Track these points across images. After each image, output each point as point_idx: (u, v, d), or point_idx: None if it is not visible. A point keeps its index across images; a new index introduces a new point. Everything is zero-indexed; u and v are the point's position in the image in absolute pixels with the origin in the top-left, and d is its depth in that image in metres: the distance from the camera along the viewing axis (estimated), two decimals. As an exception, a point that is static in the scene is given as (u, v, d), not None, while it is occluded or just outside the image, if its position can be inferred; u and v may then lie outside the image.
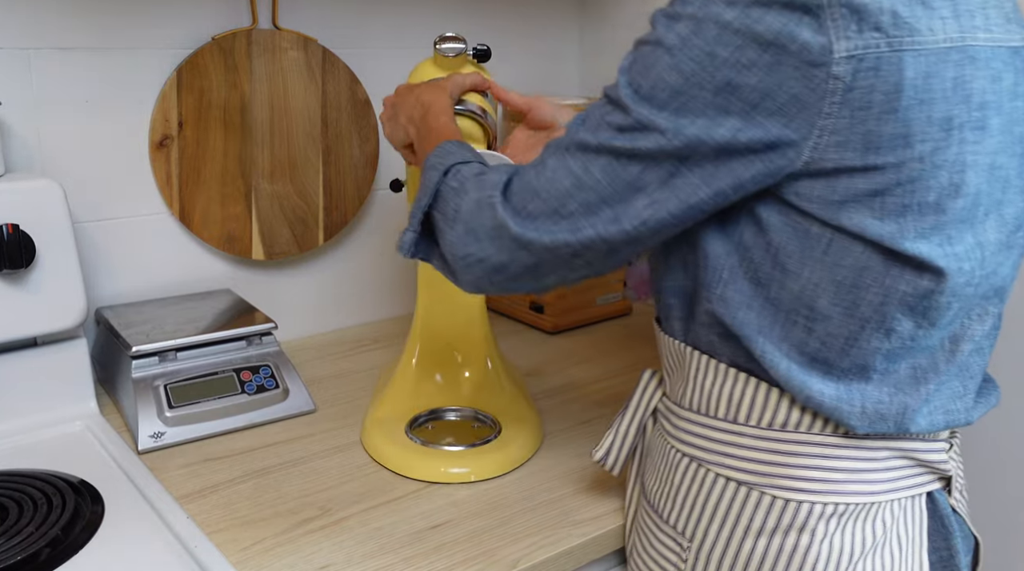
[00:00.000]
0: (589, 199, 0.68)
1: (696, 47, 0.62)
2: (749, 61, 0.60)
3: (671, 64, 0.63)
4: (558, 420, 1.13)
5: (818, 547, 0.69)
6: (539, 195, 0.70)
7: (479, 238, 0.73)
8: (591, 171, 0.67)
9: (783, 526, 0.70)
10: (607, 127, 0.67)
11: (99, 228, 1.19)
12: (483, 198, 0.73)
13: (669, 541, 0.77)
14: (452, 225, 0.75)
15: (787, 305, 0.67)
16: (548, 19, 1.58)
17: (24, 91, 1.10)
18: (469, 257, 0.73)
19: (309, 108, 1.30)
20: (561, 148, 0.70)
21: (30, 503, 0.86)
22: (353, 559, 0.83)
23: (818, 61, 0.58)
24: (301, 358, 1.31)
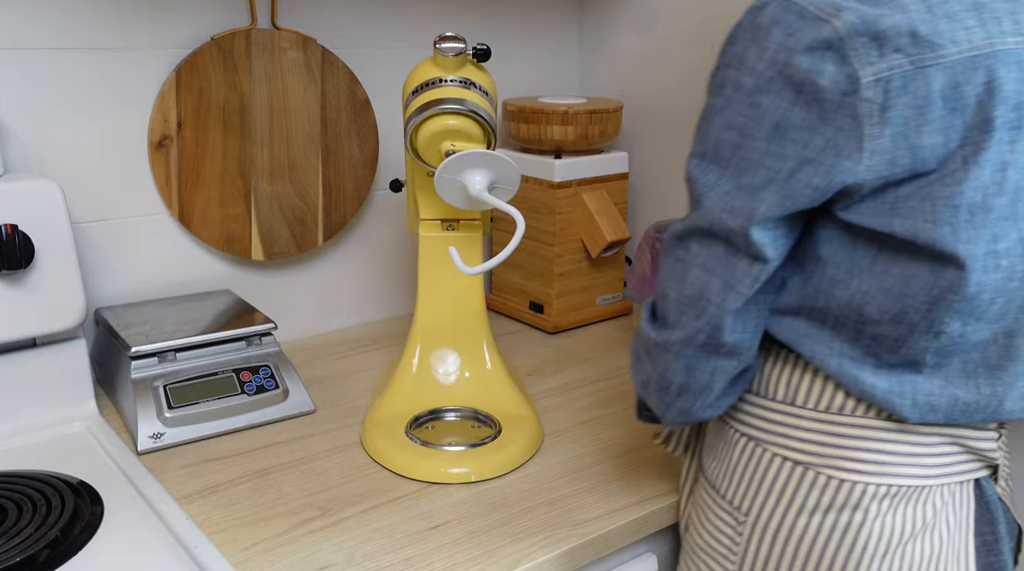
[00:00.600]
0: (692, 283, 0.72)
1: (740, 102, 0.67)
2: (790, 102, 0.64)
3: (724, 123, 0.68)
4: (558, 420, 1.12)
5: (870, 526, 0.72)
6: (665, 298, 0.74)
7: (641, 360, 0.78)
8: (687, 257, 0.72)
9: (837, 504, 0.73)
10: (687, 215, 0.72)
11: (98, 228, 1.19)
12: (638, 325, 0.78)
13: (726, 515, 0.80)
14: (631, 365, 0.81)
15: (836, 312, 0.71)
16: (548, 19, 1.58)
17: (23, 91, 1.09)
18: (641, 382, 0.79)
19: (308, 108, 1.29)
20: (666, 249, 0.75)
21: (29, 504, 0.86)
22: (353, 559, 0.83)
23: (848, 90, 0.63)
24: (301, 358, 1.31)
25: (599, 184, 1.44)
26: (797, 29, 0.64)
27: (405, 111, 1.01)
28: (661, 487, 0.97)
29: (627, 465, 1.01)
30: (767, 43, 0.65)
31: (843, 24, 0.63)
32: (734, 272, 0.69)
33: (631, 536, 0.92)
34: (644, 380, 0.78)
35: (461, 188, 0.95)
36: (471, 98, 0.97)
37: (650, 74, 1.51)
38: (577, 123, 1.38)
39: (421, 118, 0.96)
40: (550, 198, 1.40)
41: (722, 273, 0.69)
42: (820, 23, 0.63)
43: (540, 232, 1.42)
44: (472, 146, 0.97)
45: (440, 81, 0.98)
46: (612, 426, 1.11)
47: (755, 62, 0.66)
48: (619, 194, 1.47)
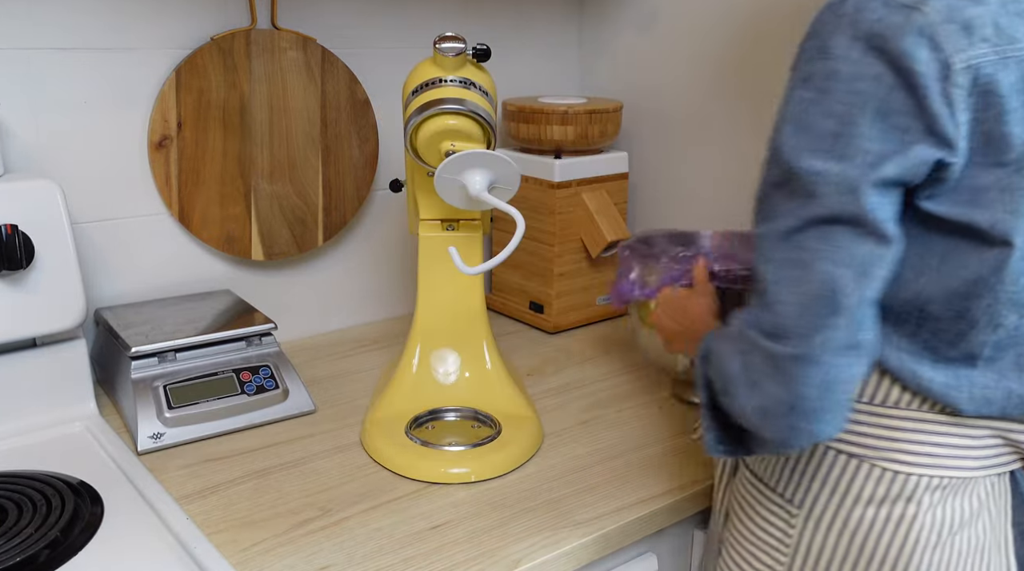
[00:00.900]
0: (821, 279, 0.67)
1: (837, 90, 0.66)
2: (888, 87, 0.64)
3: (823, 112, 0.66)
4: (558, 420, 1.12)
5: (923, 517, 0.74)
6: (779, 305, 0.68)
7: (758, 384, 0.69)
8: (803, 254, 0.67)
9: (892, 496, 0.75)
10: (787, 212, 0.68)
11: (98, 229, 1.19)
12: (740, 346, 0.71)
13: (777, 508, 0.81)
14: (734, 397, 0.72)
15: (898, 308, 0.72)
16: (548, 19, 1.58)
17: (23, 91, 1.09)
18: (761, 411, 0.70)
19: (308, 108, 1.29)
20: (764, 256, 0.70)
21: (29, 504, 0.86)
22: (354, 559, 0.83)
23: (942, 75, 0.64)
24: (301, 358, 1.31)
25: (599, 184, 1.44)
26: (885, 15, 0.64)
27: (405, 111, 1.01)
28: (661, 487, 0.97)
29: (627, 465, 1.01)
30: (857, 31, 0.65)
31: (933, 11, 0.64)
32: (865, 257, 0.66)
33: (631, 536, 0.92)
34: (763, 407, 0.69)
35: (461, 188, 0.95)
36: (471, 98, 0.97)
37: (650, 74, 1.51)
38: (577, 123, 1.38)
39: (421, 118, 0.96)
40: (550, 198, 1.40)
41: (851, 262, 0.66)
42: (909, 10, 0.64)
43: (540, 232, 1.42)
44: (472, 146, 0.97)
45: (440, 81, 0.98)
46: (612, 426, 1.11)
47: (847, 51, 0.65)
48: (619, 194, 1.47)
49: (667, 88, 1.48)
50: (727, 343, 0.73)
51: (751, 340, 0.69)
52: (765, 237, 0.70)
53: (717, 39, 1.38)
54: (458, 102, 0.96)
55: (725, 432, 0.78)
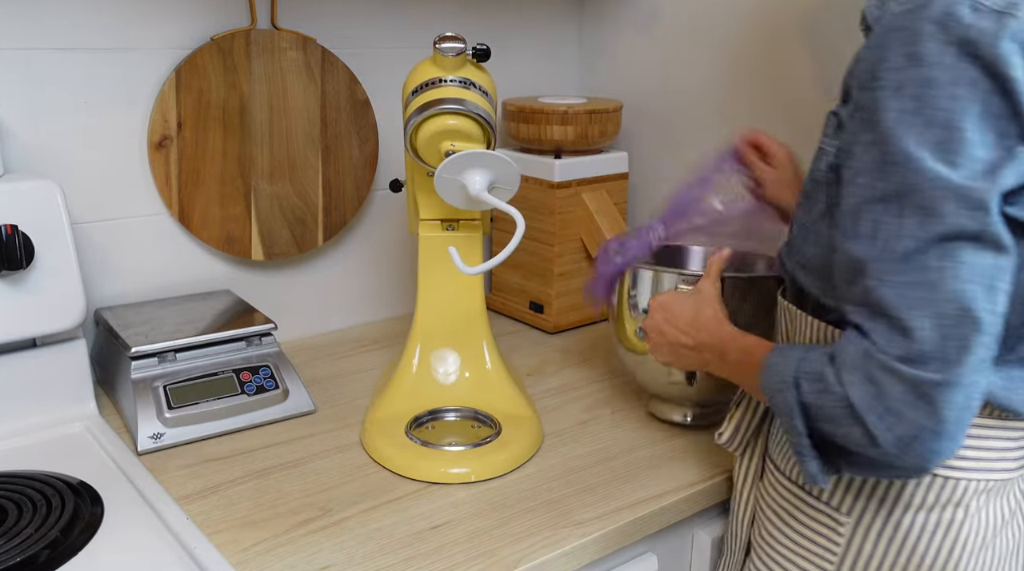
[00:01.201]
0: (954, 300, 0.65)
1: (937, 97, 0.65)
2: (986, 91, 0.64)
3: (926, 122, 0.65)
4: (558, 420, 1.12)
5: (970, 521, 0.76)
6: (916, 332, 0.65)
7: (896, 412, 0.66)
8: (929, 275, 0.65)
9: (941, 501, 0.76)
10: (902, 232, 0.66)
11: (98, 229, 1.19)
12: (868, 373, 0.67)
13: (821, 515, 0.81)
14: (856, 425, 0.67)
15: None
16: (548, 19, 1.58)
17: (23, 91, 1.09)
18: (903, 440, 0.66)
19: (308, 108, 1.29)
20: (879, 279, 0.67)
21: (29, 504, 0.86)
22: (354, 559, 0.83)
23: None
24: (301, 358, 1.31)
25: (599, 184, 1.44)
26: (976, 21, 0.64)
27: (405, 111, 1.01)
28: (661, 487, 0.97)
29: (627, 465, 1.01)
30: (949, 36, 0.64)
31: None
32: (990, 270, 0.64)
33: (631, 536, 0.92)
34: (904, 436, 0.65)
35: (461, 188, 0.95)
36: (471, 98, 0.97)
37: (650, 74, 1.51)
38: (577, 123, 1.38)
39: (421, 118, 0.96)
40: (550, 198, 1.40)
41: (979, 277, 0.64)
42: (1000, 16, 0.64)
43: (540, 232, 1.42)
44: (472, 146, 0.97)
45: (440, 81, 0.98)
46: (612, 426, 1.11)
47: (940, 56, 0.64)
48: (619, 194, 1.47)
49: (667, 88, 1.48)
50: (845, 371, 0.68)
51: (886, 367, 0.65)
52: (877, 259, 0.67)
53: (717, 39, 1.38)
54: (458, 102, 0.96)
55: (824, 455, 0.74)
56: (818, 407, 0.70)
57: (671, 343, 0.92)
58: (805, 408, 0.71)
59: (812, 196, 0.79)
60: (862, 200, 0.68)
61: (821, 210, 0.78)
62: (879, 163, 0.67)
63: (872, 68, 0.68)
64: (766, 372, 0.76)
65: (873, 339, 0.66)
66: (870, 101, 0.68)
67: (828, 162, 0.77)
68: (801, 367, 0.72)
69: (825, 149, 0.78)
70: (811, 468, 0.73)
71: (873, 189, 0.67)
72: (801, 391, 0.71)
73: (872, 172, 0.68)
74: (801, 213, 0.82)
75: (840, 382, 0.68)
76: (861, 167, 0.69)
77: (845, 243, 0.70)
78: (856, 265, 0.68)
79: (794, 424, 0.72)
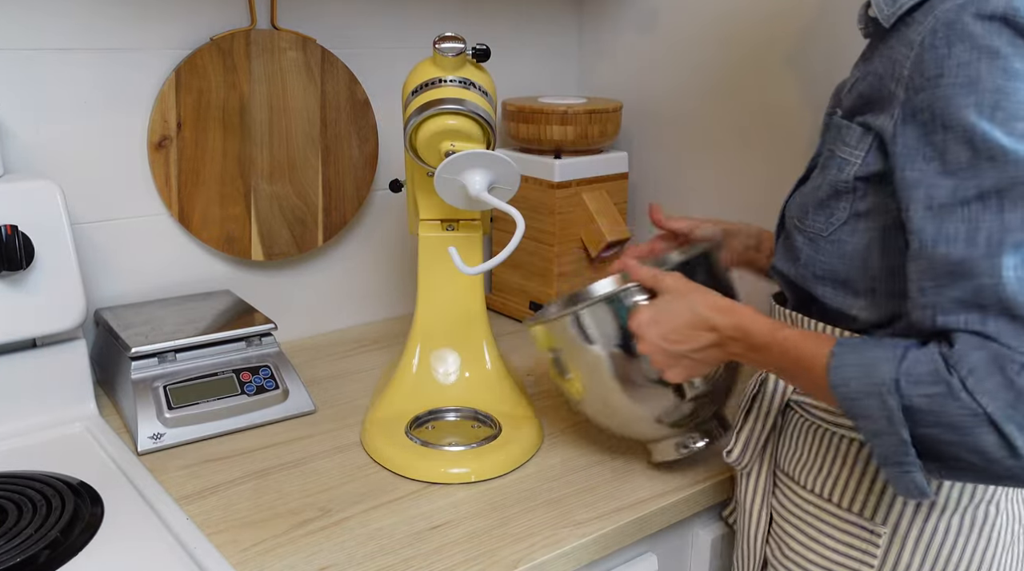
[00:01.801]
0: None
1: (1019, 89, 0.64)
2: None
3: (1007, 117, 0.64)
4: (558, 420, 1.12)
5: (1002, 517, 0.76)
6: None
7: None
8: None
9: (975, 501, 0.76)
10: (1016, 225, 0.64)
11: (98, 229, 1.19)
12: (1006, 378, 0.62)
13: (852, 527, 0.80)
14: (989, 433, 0.63)
15: None
16: (548, 19, 1.58)
17: (23, 92, 1.09)
18: None
19: (308, 108, 1.29)
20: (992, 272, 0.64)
21: (29, 505, 0.86)
22: (354, 559, 0.83)
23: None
24: (301, 359, 1.31)
25: (599, 184, 1.44)
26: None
27: (405, 111, 1.01)
28: (661, 487, 0.97)
29: (627, 465, 1.01)
30: (1016, 25, 0.64)
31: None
32: None
33: (631, 536, 0.92)
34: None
35: (461, 188, 0.95)
36: (471, 98, 0.97)
37: (650, 74, 1.51)
38: (577, 123, 1.38)
39: (421, 118, 0.96)
40: (550, 198, 1.40)
41: None
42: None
43: (540, 232, 1.42)
44: (472, 146, 0.97)
45: (439, 81, 0.98)
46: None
47: (1012, 47, 0.64)
48: (619, 194, 1.47)
49: (667, 88, 1.48)
50: (975, 377, 0.63)
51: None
52: (985, 257, 0.64)
53: (717, 39, 1.38)
54: (458, 102, 0.96)
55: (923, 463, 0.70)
56: (932, 412, 0.64)
57: (681, 355, 0.83)
58: (911, 413, 0.65)
59: (829, 205, 0.77)
60: (950, 202, 0.65)
61: (842, 218, 0.76)
62: (969, 161, 0.65)
63: (932, 68, 0.66)
64: (841, 372, 0.69)
65: (1002, 341, 0.62)
66: (936, 100, 0.66)
67: (854, 172, 0.75)
68: (904, 368, 0.66)
69: (846, 158, 0.76)
70: (915, 479, 0.67)
71: (964, 189, 0.65)
72: (905, 395, 0.66)
73: (959, 172, 0.65)
74: (812, 224, 0.79)
75: (967, 388, 0.63)
76: (938, 169, 0.66)
77: (933, 249, 0.66)
78: (956, 268, 0.65)
79: (895, 431, 0.66)
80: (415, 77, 1.01)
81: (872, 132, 0.73)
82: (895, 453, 0.67)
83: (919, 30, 0.68)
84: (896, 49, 0.70)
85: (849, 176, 0.75)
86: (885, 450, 0.67)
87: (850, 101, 0.77)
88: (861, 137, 0.74)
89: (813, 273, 0.79)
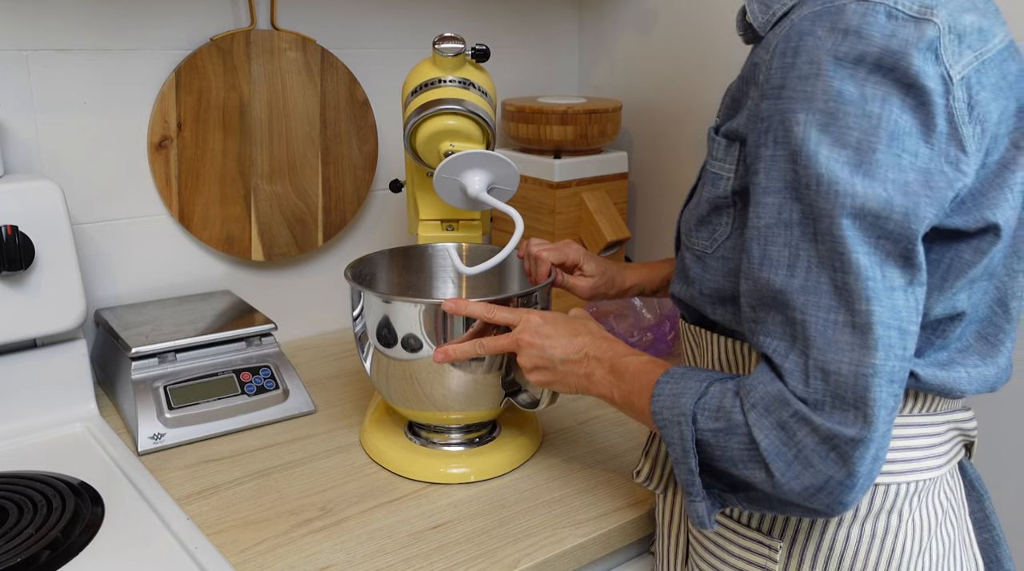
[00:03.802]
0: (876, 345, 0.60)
1: (848, 114, 0.60)
2: (899, 108, 0.60)
3: (833, 141, 0.60)
4: (557, 420, 1.12)
5: (906, 526, 0.72)
6: (831, 377, 0.61)
7: (805, 461, 0.62)
8: (856, 319, 0.61)
9: (874, 511, 0.72)
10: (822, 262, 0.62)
11: (98, 229, 1.19)
12: (781, 419, 0.63)
13: (754, 544, 0.75)
14: (760, 468, 0.64)
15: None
16: (548, 19, 1.58)
17: (23, 92, 1.10)
18: (808, 490, 0.63)
19: (308, 109, 1.29)
20: (803, 309, 0.62)
21: (30, 505, 0.86)
22: (354, 560, 0.83)
23: (944, 90, 0.61)
24: (301, 359, 1.31)
25: (599, 184, 1.44)
26: (894, 29, 0.60)
27: (404, 111, 1.01)
28: (661, 487, 0.97)
29: (627, 465, 1.01)
30: (865, 46, 0.60)
31: (941, 22, 0.61)
32: (905, 312, 0.61)
33: (631, 536, 0.92)
34: (812, 486, 0.62)
35: (460, 188, 0.95)
36: (470, 98, 0.97)
37: (650, 74, 1.51)
38: (576, 123, 1.39)
39: (420, 118, 0.96)
40: (550, 198, 1.40)
41: (897, 320, 0.60)
42: (918, 22, 0.60)
43: (540, 232, 1.42)
44: (471, 146, 0.97)
45: (439, 81, 0.98)
46: (611, 427, 1.11)
47: (854, 68, 0.60)
48: (619, 194, 1.47)
49: (667, 88, 1.48)
50: (755, 412, 0.64)
51: (801, 416, 0.62)
52: (799, 291, 0.62)
53: (717, 39, 1.38)
54: (457, 102, 0.96)
55: (713, 494, 0.70)
56: (718, 447, 0.66)
57: (552, 360, 0.84)
58: (703, 446, 0.67)
59: (711, 222, 0.73)
60: (774, 222, 0.63)
61: (725, 234, 0.72)
62: (791, 181, 0.62)
63: (777, 76, 0.63)
64: (658, 400, 0.71)
65: (788, 382, 0.62)
66: (775, 112, 0.63)
67: (729, 186, 0.71)
68: (701, 401, 0.68)
69: (718, 173, 0.72)
70: (698, 509, 0.69)
71: (787, 210, 0.62)
72: (699, 428, 0.67)
73: (782, 191, 0.62)
74: (697, 240, 0.75)
75: (747, 423, 0.64)
76: (768, 186, 0.63)
77: (758, 271, 0.64)
78: (776, 295, 0.63)
79: (687, 461, 0.68)
80: (415, 77, 1.01)
81: (736, 143, 0.70)
82: (686, 482, 0.69)
83: (777, 34, 0.65)
84: (757, 53, 0.67)
85: (726, 191, 0.71)
86: (681, 477, 0.69)
87: (722, 110, 0.73)
88: (727, 149, 0.71)
89: (701, 291, 0.75)
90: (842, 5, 0.61)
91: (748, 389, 0.65)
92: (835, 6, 0.61)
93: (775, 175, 0.63)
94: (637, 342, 1.28)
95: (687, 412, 0.68)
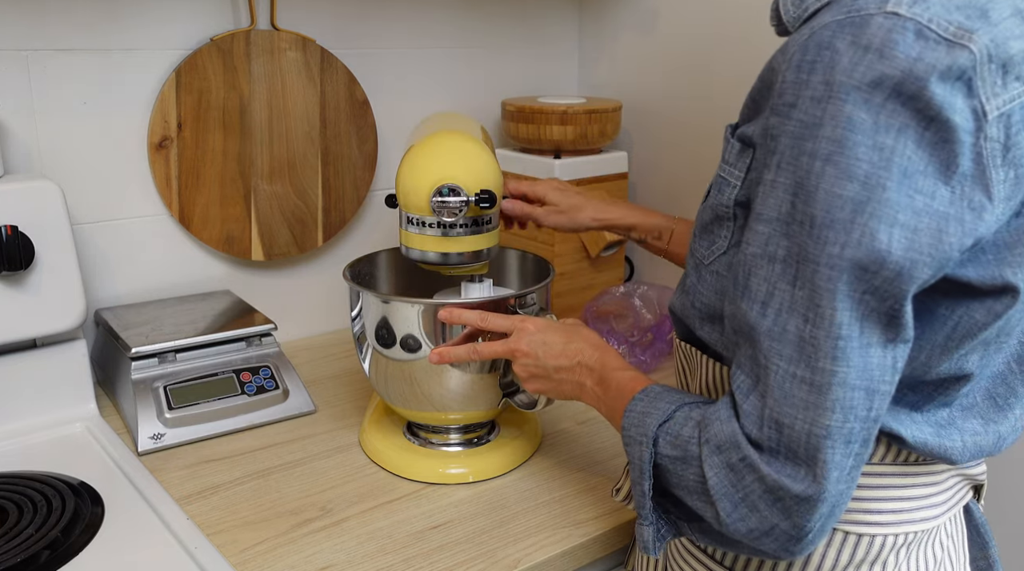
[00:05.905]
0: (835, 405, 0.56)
1: (858, 143, 0.54)
2: (915, 142, 0.53)
3: (839, 173, 0.54)
4: (556, 420, 1.12)
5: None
6: (785, 430, 0.58)
7: (752, 506, 0.60)
8: (816, 377, 0.56)
9: (856, 561, 0.68)
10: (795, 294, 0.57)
11: (98, 229, 1.19)
12: (730, 461, 0.60)
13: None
14: (709, 504, 0.62)
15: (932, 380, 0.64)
16: (548, 19, 1.58)
17: (23, 92, 1.09)
18: (753, 532, 0.60)
19: (308, 109, 1.29)
20: (768, 354, 0.58)
21: (30, 505, 0.86)
22: (354, 560, 0.83)
23: (974, 128, 0.53)
24: (301, 359, 1.31)
25: (599, 184, 1.44)
26: (922, 51, 0.52)
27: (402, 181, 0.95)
28: (661, 487, 0.97)
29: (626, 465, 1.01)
30: (885, 67, 0.53)
31: (979, 49, 0.53)
32: (878, 372, 0.56)
33: (631, 536, 0.92)
34: (757, 530, 0.60)
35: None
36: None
37: (650, 74, 1.51)
38: (576, 123, 1.39)
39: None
40: (550, 198, 1.40)
41: (865, 380, 0.56)
42: (951, 46, 0.52)
43: (540, 232, 1.42)
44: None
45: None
46: (609, 427, 1.10)
47: (870, 92, 0.53)
48: (619, 194, 1.47)
49: (667, 88, 1.48)
50: (709, 448, 0.61)
51: (750, 464, 0.59)
52: (768, 335, 0.58)
53: (717, 39, 1.38)
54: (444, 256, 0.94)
55: (665, 520, 0.69)
56: (675, 474, 0.64)
57: (547, 367, 0.83)
58: (659, 470, 0.66)
59: (711, 231, 0.69)
60: (760, 253, 0.59)
61: (722, 248, 0.67)
62: (785, 215, 0.57)
63: (789, 93, 0.57)
64: (628, 417, 0.69)
65: (743, 424, 0.60)
66: (783, 133, 0.57)
67: (733, 195, 0.65)
68: (665, 425, 0.66)
69: (726, 178, 0.66)
70: (644, 533, 0.67)
71: (774, 244, 0.58)
72: (659, 452, 0.66)
73: (774, 222, 0.58)
74: (698, 249, 0.71)
75: (701, 457, 0.62)
76: (763, 213, 0.58)
77: (739, 300, 0.61)
78: (749, 330, 0.60)
79: (641, 482, 0.66)
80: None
81: (750, 150, 0.63)
82: (638, 503, 0.68)
83: (798, 39, 0.58)
84: (776, 57, 0.61)
85: (730, 199, 0.65)
86: (635, 498, 0.68)
87: (744, 109, 0.67)
88: (739, 155, 0.65)
89: (693, 304, 0.72)
90: (868, 16, 0.54)
91: (707, 423, 0.63)
92: (860, 17, 0.54)
93: (771, 203, 0.58)
94: (637, 342, 1.28)
95: (649, 434, 0.66)
